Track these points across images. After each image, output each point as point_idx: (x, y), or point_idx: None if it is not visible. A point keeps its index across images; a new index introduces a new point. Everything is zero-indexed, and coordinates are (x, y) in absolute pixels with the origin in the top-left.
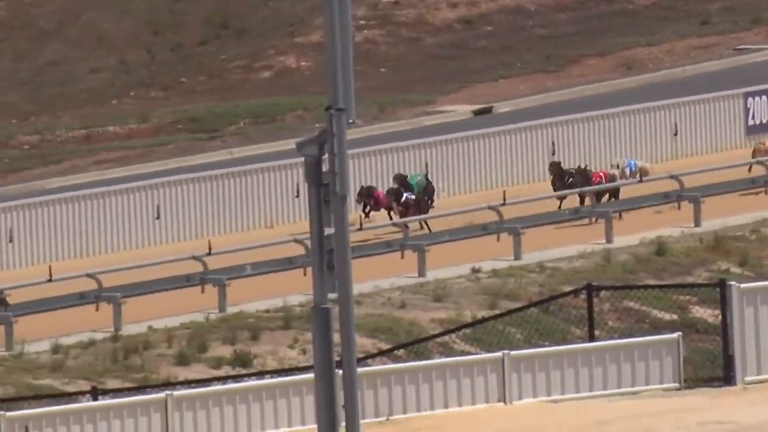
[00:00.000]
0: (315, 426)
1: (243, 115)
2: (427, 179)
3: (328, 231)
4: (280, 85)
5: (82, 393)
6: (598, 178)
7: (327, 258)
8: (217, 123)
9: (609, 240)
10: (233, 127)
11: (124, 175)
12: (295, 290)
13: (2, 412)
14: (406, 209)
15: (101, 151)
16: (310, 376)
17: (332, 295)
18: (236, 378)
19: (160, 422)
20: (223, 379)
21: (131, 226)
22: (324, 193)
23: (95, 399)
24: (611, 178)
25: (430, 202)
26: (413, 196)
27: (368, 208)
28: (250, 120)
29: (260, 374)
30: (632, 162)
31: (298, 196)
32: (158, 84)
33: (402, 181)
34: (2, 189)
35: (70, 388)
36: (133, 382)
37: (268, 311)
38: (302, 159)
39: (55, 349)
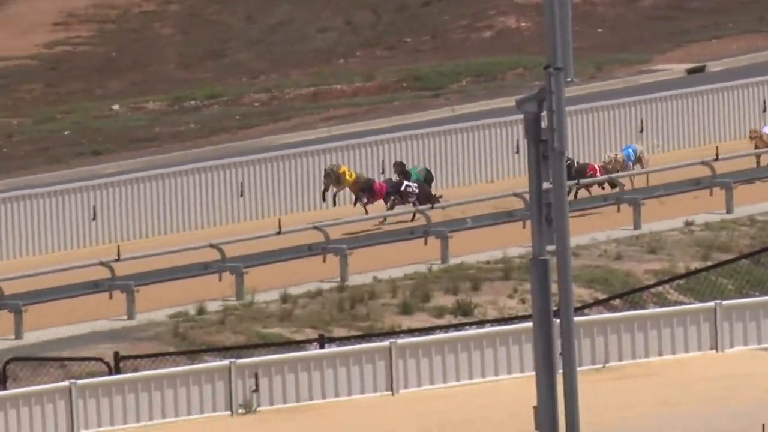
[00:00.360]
0: (533, 373)
1: (465, 73)
2: (426, 170)
3: (547, 185)
4: (501, 45)
5: (310, 341)
6: (593, 171)
7: (545, 211)
8: (440, 81)
9: None
10: (455, 85)
11: (350, 131)
12: (515, 242)
13: (233, 360)
14: (403, 197)
15: (328, 108)
16: (529, 325)
17: (550, 247)
18: (458, 327)
19: (384, 369)
20: (445, 328)
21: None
22: (543, 148)
23: (322, 347)
24: (606, 170)
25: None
26: (415, 185)
27: (365, 200)
28: (471, 78)
29: (481, 323)
30: (630, 149)
31: (518, 152)
32: (383, 43)
33: (401, 169)
34: (233, 145)
35: (298, 337)
36: (359, 331)
37: (488, 262)
38: (522, 116)
39: (284, 298)
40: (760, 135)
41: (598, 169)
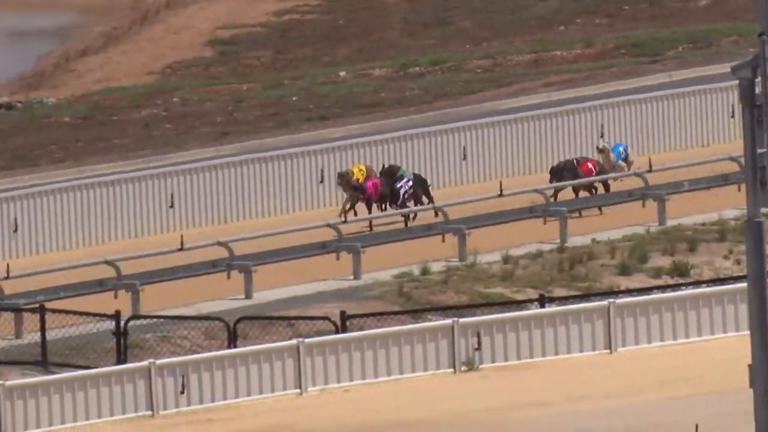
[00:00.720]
0: (748, 332)
1: (681, 40)
2: (415, 175)
3: (761, 150)
4: (717, 12)
5: (530, 301)
6: (587, 170)
7: (760, 175)
8: (658, 47)
9: None
10: (672, 52)
11: (570, 96)
12: (730, 205)
13: (456, 319)
14: (398, 198)
15: (549, 74)
16: (744, 285)
17: (765, 210)
18: (674, 287)
19: (602, 328)
20: (662, 288)
21: (576, 144)
22: (757, 114)
23: (542, 306)
24: (600, 168)
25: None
26: (410, 184)
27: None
28: (688, 45)
29: (697, 284)
30: (620, 147)
31: (733, 117)
32: (603, 11)
33: (390, 173)
34: (456, 110)
35: (519, 296)
36: (578, 291)
37: (704, 224)
38: (737, 82)
39: (505, 259)
40: None
41: (593, 166)
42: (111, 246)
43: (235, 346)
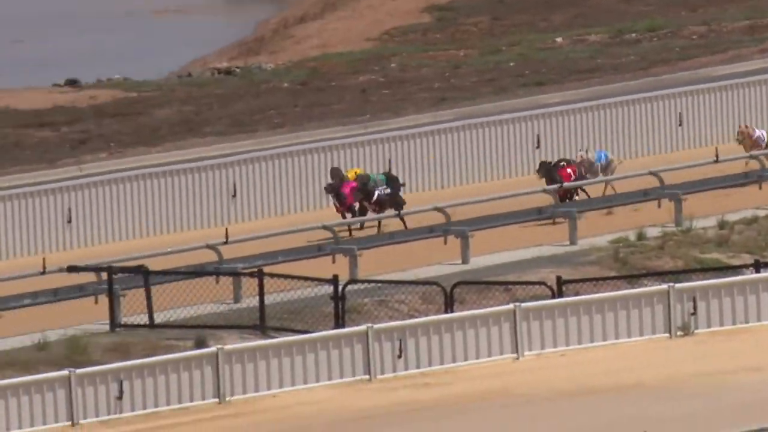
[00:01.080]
0: None
1: None
2: (388, 176)
3: None
4: None
5: (746, 266)
6: (567, 176)
7: None
8: None
9: None
10: None
11: None
12: None
13: (671, 284)
14: (379, 205)
15: (764, 40)
16: None
17: None
18: None
19: None
20: None
21: None
22: None
23: (758, 271)
24: (580, 175)
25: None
26: (387, 190)
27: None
28: None
29: None
30: (602, 153)
31: None
32: None
33: (362, 180)
34: (672, 76)
35: (735, 262)
36: None
37: None
38: None
39: (721, 225)
40: (748, 135)
41: (572, 172)
42: (328, 211)
43: (452, 311)
